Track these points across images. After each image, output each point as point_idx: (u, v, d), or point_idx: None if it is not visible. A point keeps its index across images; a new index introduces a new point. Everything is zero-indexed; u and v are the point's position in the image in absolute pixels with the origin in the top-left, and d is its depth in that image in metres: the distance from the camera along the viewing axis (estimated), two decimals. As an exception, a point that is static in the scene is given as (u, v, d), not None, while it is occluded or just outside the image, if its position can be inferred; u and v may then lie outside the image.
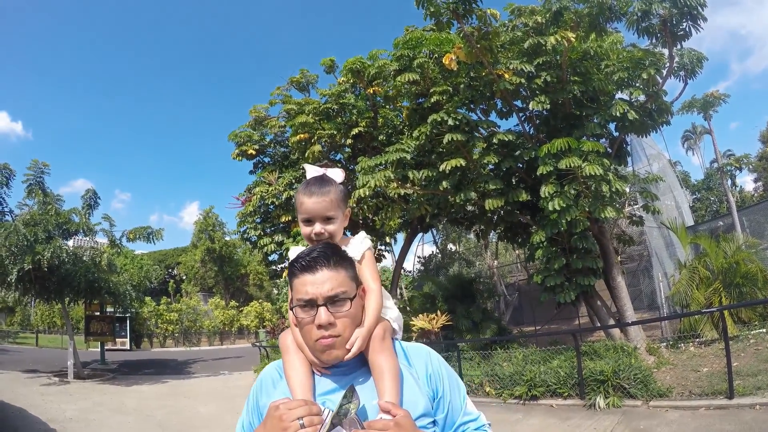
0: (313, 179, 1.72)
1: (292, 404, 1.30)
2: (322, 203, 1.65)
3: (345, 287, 1.43)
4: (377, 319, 1.55)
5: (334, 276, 1.43)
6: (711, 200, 40.19)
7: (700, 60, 11.34)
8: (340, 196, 1.70)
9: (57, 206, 18.47)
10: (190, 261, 55.43)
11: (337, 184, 1.72)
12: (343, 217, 1.71)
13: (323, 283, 1.42)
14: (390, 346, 1.54)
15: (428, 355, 1.61)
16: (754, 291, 12.00)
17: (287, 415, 1.26)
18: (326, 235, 1.65)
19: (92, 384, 18.04)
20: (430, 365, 1.57)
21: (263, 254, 19.20)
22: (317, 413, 1.28)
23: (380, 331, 1.52)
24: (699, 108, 20.98)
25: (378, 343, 1.50)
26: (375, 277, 1.64)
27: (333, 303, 1.41)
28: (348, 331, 1.44)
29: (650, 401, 9.02)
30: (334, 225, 1.67)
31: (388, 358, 1.47)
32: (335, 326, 1.42)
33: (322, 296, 1.41)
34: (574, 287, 12.01)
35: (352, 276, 1.49)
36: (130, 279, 21.77)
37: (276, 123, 19.15)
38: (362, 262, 1.65)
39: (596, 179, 10.71)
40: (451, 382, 1.58)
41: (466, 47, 11.51)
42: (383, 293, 1.68)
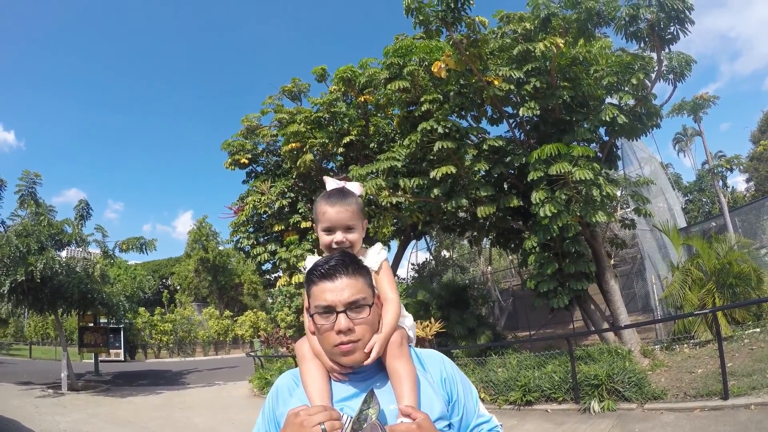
0: (335, 190, 1.77)
1: (312, 410, 1.32)
2: (345, 213, 1.70)
3: (364, 294, 1.48)
4: (395, 327, 1.59)
5: (353, 283, 1.47)
6: (703, 201, 40.32)
7: (689, 63, 11.39)
8: (360, 207, 1.76)
9: (50, 217, 18.42)
10: (184, 271, 55.19)
11: (356, 196, 1.77)
12: (361, 228, 1.76)
13: (342, 290, 1.46)
14: (407, 352, 1.57)
15: (442, 360, 1.66)
16: (747, 291, 12.08)
17: (308, 420, 1.28)
18: (347, 244, 1.70)
19: (86, 396, 17.96)
20: (444, 370, 1.61)
21: (256, 263, 19.20)
22: (338, 418, 1.31)
23: (398, 338, 1.56)
24: (689, 110, 21.10)
25: (396, 349, 1.54)
26: (393, 287, 1.69)
27: (352, 309, 1.45)
28: (367, 336, 1.48)
29: (645, 404, 9.04)
30: (354, 234, 1.72)
31: (406, 364, 1.51)
32: (354, 332, 1.45)
33: (342, 303, 1.44)
34: (567, 292, 12.03)
35: (370, 284, 1.54)
36: (124, 290, 21.74)
37: (268, 132, 19.20)
38: (380, 272, 1.71)
39: (587, 184, 10.74)
40: (465, 386, 1.63)
41: (455, 55, 11.56)
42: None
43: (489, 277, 27.30)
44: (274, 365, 18.25)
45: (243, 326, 46.02)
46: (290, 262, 17.18)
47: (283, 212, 18.27)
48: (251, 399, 16.83)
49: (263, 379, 17.39)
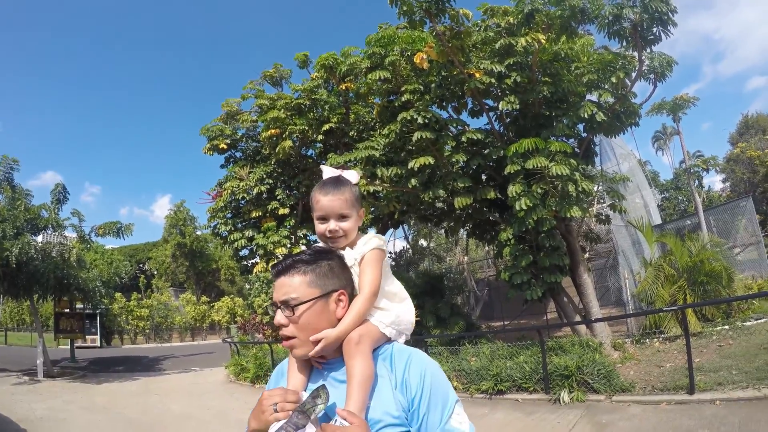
0: (329, 179, 1.76)
1: (274, 392, 1.44)
2: (337, 201, 1.68)
3: (296, 293, 1.51)
4: (356, 323, 1.56)
5: (287, 282, 1.53)
6: (679, 200, 40.88)
7: (670, 64, 11.49)
8: (355, 196, 1.73)
9: (26, 201, 18.15)
10: (161, 256, 54.81)
11: (352, 185, 1.75)
12: (357, 217, 1.73)
13: (279, 288, 1.55)
14: (364, 350, 1.52)
15: (408, 360, 1.56)
16: (718, 289, 12.27)
17: (267, 400, 1.42)
18: (341, 233, 1.68)
19: (62, 382, 17.75)
20: (407, 372, 1.52)
21: (234, 249, 19.14)
22: (292, 401, 1.40)
23: (355, 336, 1.53)
24: (668, 110, 21.29)
25: (352, 347, 1.52)
26: (370, 281, 1.63)
27: (286, 307, 1.52)
28: (303, 334, 1.51)
29: (613, 396, 9.17)
30: (348, 223, 1.69)
31: (358, 364, 1.48)
32: (287, 328, 1.52)
33: (277, 300, 1.54)
34: (541, 284, 12.20)
35: (315, 282, 1.54)
36: (100, 275, 21.43)
37: (248, 118, 19.11)
38: (360, 265, 1.66)
39: (563, 179, 10.87)
40: (432, 395, 1.49)
41: (437, 46, 11.60)
42: (393, 295, 1.73)
43: (465, 267, 27.50)
44: (250, 351, 18.21)
45: (220, 312, 45.81)
46: (267, 248, 17.17)
47: (261, 198, 18.21)
48: (227, 385, 16.82)
49: (239, 365, 17.36)
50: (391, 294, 1.72)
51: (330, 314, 1.55)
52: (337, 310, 1.57)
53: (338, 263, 1.63)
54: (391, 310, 1.68)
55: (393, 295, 1.73)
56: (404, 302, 1.75)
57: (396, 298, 1.73)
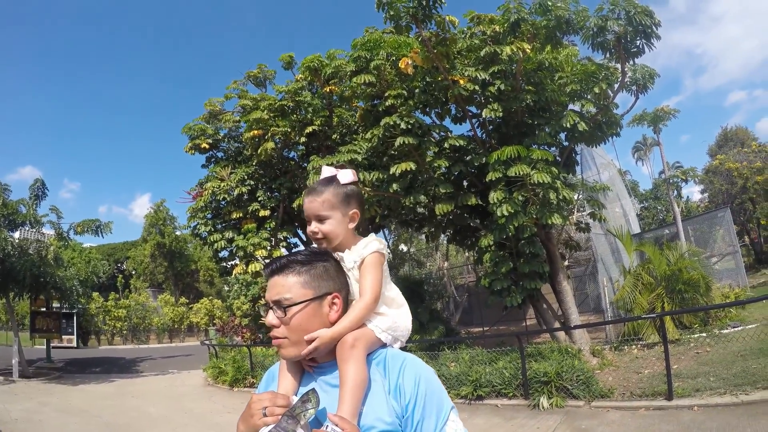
0: (318, 181, 1.73)
1: (264, 396, 1.41)
2: (314, 203, 1.66)
3: (290, 294, 1.47)
4: (353, 326, 1.53)
5: (280, 282, 1.50)
6: (658, 209, 41.30)
7: (652, 76, 11.66)
8: (339, 196, 1.67)
9: (4, 197, 17.92)
10: (140, 256, 54.34)
11: (339, 185, 1.69)
12: (341, 217, 1.66)
13: (271, 288, 1.51)
14: (358, 355, 1.48)
15: (402, 365, 1.51)
16: (696, 297, 12.47)
17: (256, 404, 1.38)
18: (320, 235, 1.65)
19: (38, 383, 17.58)
20: (401, 377, 1.48)
21: (213, 251, 18.99)
22: (282, 405, 1.36)
23: (350, 339, 1.49)
24: (649, 122, 21.47)
25: (345, 350, 1.47)
26: (371, 285, 1.59)
27: (278, 308, 1.48)
28: (294, 335, 1.47)
29: (592, 402, 9.22)
30: (327, 225, 1.65)
31: (351, 368, 1.44)
32: (278, 329, 1.48)
33: (270, 300, 1.50)
34: (520, 291, 12.28)
35: (310, 283, 1.51)
36: (77, 274, 21.21)
37: (231, 118, 18.99)
38: (361, 268, 1.62)
39: (544, 187, 10.98)
40: (427, 400, 1.45)
41: (423, 52, 11.65)
42: (391, 300, 1.69)
43: (445, 272, 27.56)
44: (229, 354, 18.08)
45: (198, 314, 45.56)
46: (247, 250, 17.05)
47: (242, 200, 18.09)
48: (205, 388, 16.69)
49: (217, 368, 17.23)
50: (389, 299, 1.68)
51: (323, 317, 1.51)
52: (331, 313, 1.53)
53: (334, 265, 1.59)
54: (389, 315, 1.64)
55: (391, 300, 1.69)
56: (402, 308, 1.71)
57: (394, 304, 1.69)
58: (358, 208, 1.71)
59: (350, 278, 1.62)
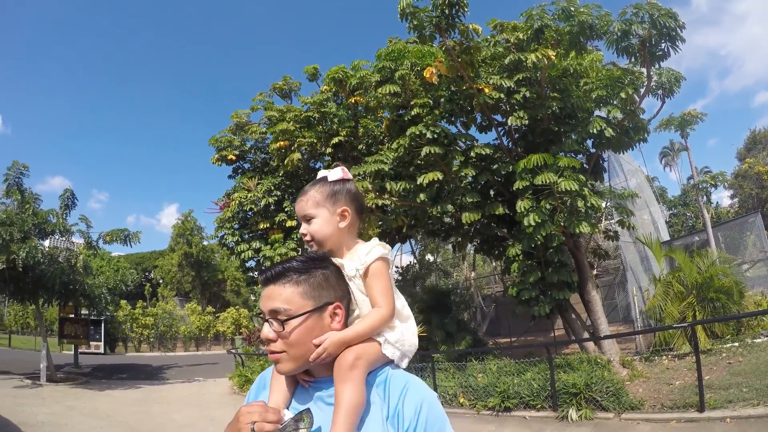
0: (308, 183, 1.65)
1: (253, 408, 1.31)
2: (300, 202, 1.60)
3: (288, 305, 1.38)
4: (365, 334, 1.44)
5: (278, 292, 1.39)
6: (687, 216, 40.69)
7: (678, 80, 11.50)
8: (324, 193, 1.59)
9: (35, 206, 18.25)
10: (167, 265, 54.86)
11: (325, 183, 1.61)
12: (329, 215, 1.57)
13: (267, 298, 1.41)
14: (357, 376, 1.37)
15: (404, 389, 1.40)
16: (728, 305, 12.17)
17: (244, 417, 1.29)
18: (308, 236, 1.57)
19: (65, 387, 17.75)
20: (401, 402, 1.37)
21: (240, 260, 19.12)
22: (273, 421, 1.29)
23: (350, 358, 1.39)
24: (676, 126, 21.16)
25: (343, 370, 1.37)
26: (382, 293, 1.49)
27: (275, 319, 1.37)
28: (293, 350, 1.38)
29: (622, 414, 9.12)
30: (314, 225, 1.56)
31: (348, 390, 1.34)
32: (275, 342, 1.39)
33: (266, 311, 1.40)
34: (548, 300, 12.14)
35: (312, 294, 1.41)
36: (106, 282, 21.54)
37: (257, 129, 19.13)
38: (367, 277, 1.51)
39: (572, 195, 10.86)
40: (427, 425, 1.36)
41: (447, 61, 11.63)
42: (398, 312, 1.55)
43: (472, 282, 27.38)
44: (255, 363, 18.17)
45: (225, 323, 45.76)
46: (274, 260, 17.10)
47: (269, 210, 18.22)
48: (231, 396, 16.76)
49: (243, 376, 17.33)
50: (396, 310, 1.54)
51: (324, 329, 1.41)
52: (333, 323, 1.43)
53: (334, 272, 1.49)
54: (397, 327, 1.53)
55: (398, 312, 1.55)
56: (408, 321, 1.58)
57: (400, 316, 1.56)
58: (348, 206, 1.61)
59: (352, 287, 1.52)
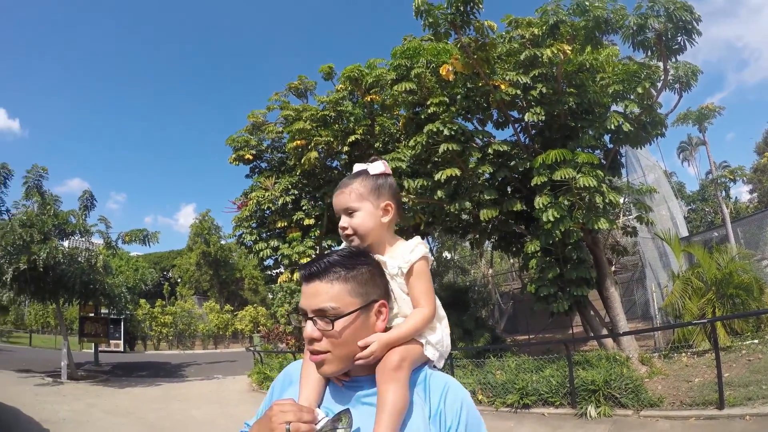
0: (347, 175, 1.60)
1: (287, 407, 1.22)
2: (342, 196, 1.53)
3: (337, 303, 1.31)
4: (409, 335, 1.41)
5: (325, 289, 1.32)
6: (706, 211, 40.25)
7: (695, 73, 11.41)
8: (368, 186, 1.54)
9: (55, 207, 18.49)
10: (185, 264, 55.34)
11: (368, 176, 1.56)
12: (372, 209, 1.52)
13: (312, 295, 1.33)
14: (404, 376, 1.35)
15: (445, 389, 1.39)
16: (747, 302, 12.06)
17: (277, 417, 1.20)
18: (350, 230, 1.50)
19: (86, 385, 17.97)
20: (443, 402, 1.35)
21: (258, 259, 19.26)
22: (308, 421, 1.21)
23: (396, 359, 1.36)
24: (694, 120, 20.95)
25: (388, 371, 1.34)
26: (425, 293, 1.46)
27: (321, 318, 1.31)
28: (339, 350, 1.33)
29: (641, 411, 9.06)
30: (357, 218, 1.50)
31: (392, 391, 1.30)
32: (320, 342, 1.32)
33: (310, 309, 1.33)
34: (567, 297, 12.11)
35: (359, 291, 1.35)
36: (126, 281, 21.78)
37: (273, 129, 19.26)
38: (411, 276, 1.47)
39: (590, 190, 10.84)
40: (468, 425, 1.35)
41: (463, 58, 11.64)
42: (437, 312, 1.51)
43: (490, 279, 27.36)
44: (274, 360, 18.29)
45: (243, 321, 46.10)
46: (292, 258, 17.26)
47: (287, 209, 18.35)
48: (250, 393, 16.87)
49: (262, 374, 17.43)
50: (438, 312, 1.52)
51: (370, 328, 1.37)
52: (378, 322, 1.39)
53: (377, 268, 1.44)
54: (438, 329, 1.50)
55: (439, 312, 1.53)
56: (443, 321, 1.54)
57: (437, 316, 1.52)
58: (391, 201, 1.56)
59: (392, 286, 1.47)
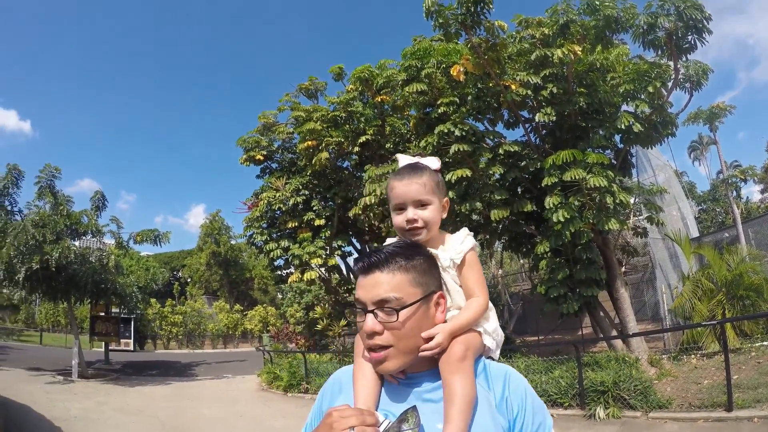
0: (406, 165, 1.57)
1: (347, 412, 1.18)
2: (414, 185, 1.49)
3: (400, 293, 1.28)
4: (467, 326, 1.40)
5: (387, 280, 1.29)
6: (717, 211, 40.05)
7: (706, 72, 11.37)
8: (436, 182, 1.52)
9: (68, 207, 18.63)
10: (196, 264, 55.62)
11: (432, 171, 1.54)
12: (439, 205, 1.51)
13: (372, 287, 1.30)
14: (469, 366, 1.33)
15: (507, 377, 1.38)
16: (758, 303, 12.02)
17: (339, 423, 1.15)
18: (420, 223, 1.47)
19: (96, 384, 18.14)
20: (507, 389, 1.34)
21: (269, 259, 19.34)
22: (372, 424, 1.17)
23: (461, 349, 1.34)
24: (704, 120, 20.93)
25: (454, 362, 1.32)
26: (479, 284, 1.47)
27: (383, 310, 1.28)
28: (402, 343, 1.29)
29: (650, 412, 9.07)
30: (428, 212, 1.48)
31: (462, 381, 1.28)
32: (382, 336, 1.28)
33: (370, 301, 1.29)
34: (577, 298, 12.10)
35: (420, 281, 1.33)
36: (137, 281, 21.94)
37: (284, 129, 19.33)
38: (463, 267, 1.48)
39: (600, 191, 10.83)
40: (534, 411, 1.33)
41: (473, 58, 11.65)
42: None
43: (500, 280, 27.30)
44: (284, 360, 18.36)
45: (252, 321, 46.30)
46: (303, 258, 17.34)
47: (297, 209, 18.42)
48: (260, 393, 16.99)
49: (272, 373, 17.50)
50: None
51: (430, 319, 1.34)
52: (437, 313, 1.37)
53: (432, 260, 1.42)
54: (491, 317, 1.50)
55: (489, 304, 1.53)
56: (492, 311, 1.53)
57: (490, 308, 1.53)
58: (447, 198, 1.58)
59: (445, 278, 1.46)
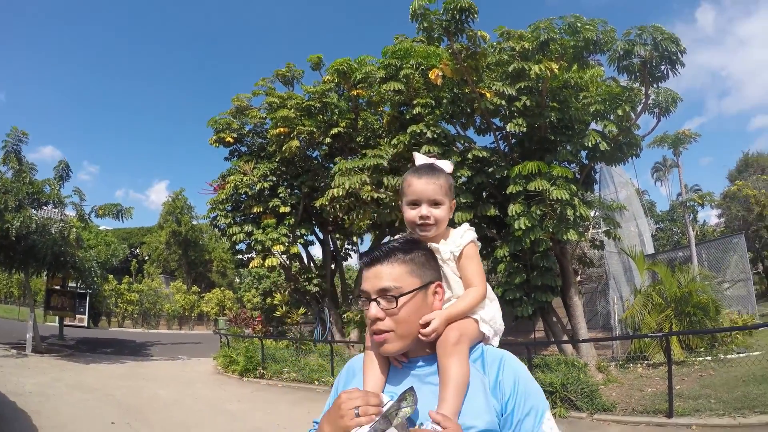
0: (423, 165, 1.68)
1: (354, 394, 1.32)
2: (432, 185, 1.60)
3: (399, 283, 1.42)
4: (465, 311, 1.52)
5: (387, 271, 1.43)
6: (673, 231, 41.19)
7: (675, 100, 11.71)
8: (449, 185, 1.65)
9: (31, 175, 18.26)
10: (155, 242, 54.56)
11: (446, 174, 1.66)
12: (449, 206, 1.63)
13: (374, 277, 1.44)
14: (463, 350, 1.43)
15: (501, 361, 1.46)
16: (704, 321, 12.56)
17: (346, 404, 1.29)
18: (432, 220, 1.59)
19: (50, 359, 17.87)
20: (501, 373, 1.42)
21: (231, 243, 19.26)
22: (375, 404, 1.30)
23: (455, 334, 1.44)
24: (669, 144, 21.45)
25: (449, 346, 1.42)
26: (477, 274, 1.58)
27: (384, 298, 1.42)
28: (401, 327, 1.42)
29: (594, 414, 9.40)
30: (440, 211, 1.60)
31: (456, 364, 1.39)
32: (383, 321, 1.41)
33: (373, 290, 1.43)
34: (532, 302, 12.51)
35: (417, 272, 1.46)
36: (97, 256, 21.57)
37: (257, 114, 19.24)
38: (462, 259, 1.59)
39: (562, 203, 11.19)
40: (525, 398, 1.40)
41: (452, 64, 11.90)
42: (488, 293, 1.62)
43: (459, 280, 27.66)
44: (240, 344, 18.36)
45: (209, 303, 45.68)
46: (265, 244, 17.32)
47: (263, 195, 18.42)
48: (216, 376, 16.96)
49: (228, 357, 17.50)
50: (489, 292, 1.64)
51: (428, 307, 1.47)
52: (435, 302, 1.49)
53: (431, 254, 1.56)
54: (488, 306, 1.60)
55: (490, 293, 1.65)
56: (494, 302, 1.65)
57: (489, 297, 1.63)
58: (453, 200, 1.70)
59: (445, 270, 1.59)
